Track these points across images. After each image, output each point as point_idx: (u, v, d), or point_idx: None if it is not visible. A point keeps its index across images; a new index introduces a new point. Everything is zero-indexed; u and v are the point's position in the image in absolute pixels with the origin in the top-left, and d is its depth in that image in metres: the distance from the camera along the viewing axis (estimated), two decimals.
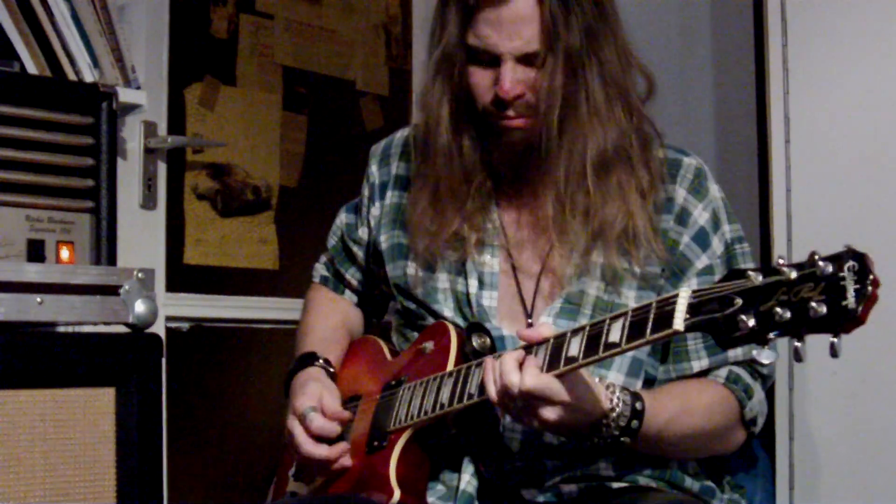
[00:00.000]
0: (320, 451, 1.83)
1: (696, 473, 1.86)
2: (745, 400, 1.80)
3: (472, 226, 1.86)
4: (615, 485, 1.80)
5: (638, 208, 1.78)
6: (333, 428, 1.84)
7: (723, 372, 1.82)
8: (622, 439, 1.65)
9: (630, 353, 1.78)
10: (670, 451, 1.79)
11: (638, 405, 1.65)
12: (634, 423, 1.65)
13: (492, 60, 1.76)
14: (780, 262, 1.36)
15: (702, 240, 1.84)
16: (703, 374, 1.83)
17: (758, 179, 2.72)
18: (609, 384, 1.67)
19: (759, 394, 1.83)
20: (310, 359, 1.99)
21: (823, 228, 2.35)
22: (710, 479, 1.88)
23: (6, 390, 1.95)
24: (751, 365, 1.82)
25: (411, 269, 1.93)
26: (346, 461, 1.84)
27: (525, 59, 1.75)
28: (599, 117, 1.76)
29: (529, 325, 1.82)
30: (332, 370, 1.98)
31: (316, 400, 1.86)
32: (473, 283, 1.87)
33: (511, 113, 1.78)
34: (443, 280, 1.90)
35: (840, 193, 2.38)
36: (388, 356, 2.00)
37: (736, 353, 1.80)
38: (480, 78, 1.79)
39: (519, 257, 1.88)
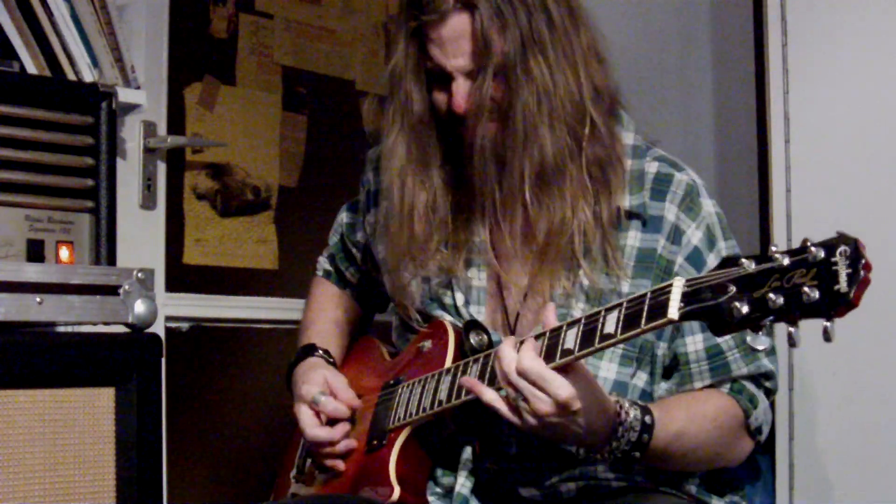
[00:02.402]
0: (324, 432, 1.85)
1: (693, 474, 1.86)
2: (750, 409, 1.79)
3: (457, 242, 1.85)
4: (613, 484, 1.80)
5: (590, 224, 1.75)
6: (345, 410, 1.87)
7: (727, 384, 1.81)
8: (633, 454, 1.64)
9: (612, 377, 1.77)
10: (678, 463, 1.77)
11: (647, 419, 1.64)
12: (645, 437, 1.64)
13: (444, 78, 1.77)
14: (773, 249, 1.36)
15: (696, 259, 1.80)
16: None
17: (758, 179, 2.72)
18: (617, 399, 1.66)
19: (763, 403, 1.81)
20: (310, 350, 2.01)
21: (823, 228, 2.33)
22: (708, 480, 1.88)
23: (6, 390, 1.95)
24: (755, 378, 1.81)
25: (390, 264, 1.93)
26: (351, 442, 1.86)
27: (472, 74, 1.74)
28: (538, 131, 1.72)
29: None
30: (331, 360, 1.99)
31: (323, 385, 1.89)
32: (460, 297, 1.87)
33: (469, 124, 1.77)
34: (432, 292, 1.89)
35: (840, 193, 2.38)
36: (387, 357, 2.01)
37: (741, 370, 1.79)
38: (438, 96, 1.79)
39: (505, 272, 1.86)
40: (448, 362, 1.79)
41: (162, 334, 2.50)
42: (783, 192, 2.45)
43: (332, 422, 1.88)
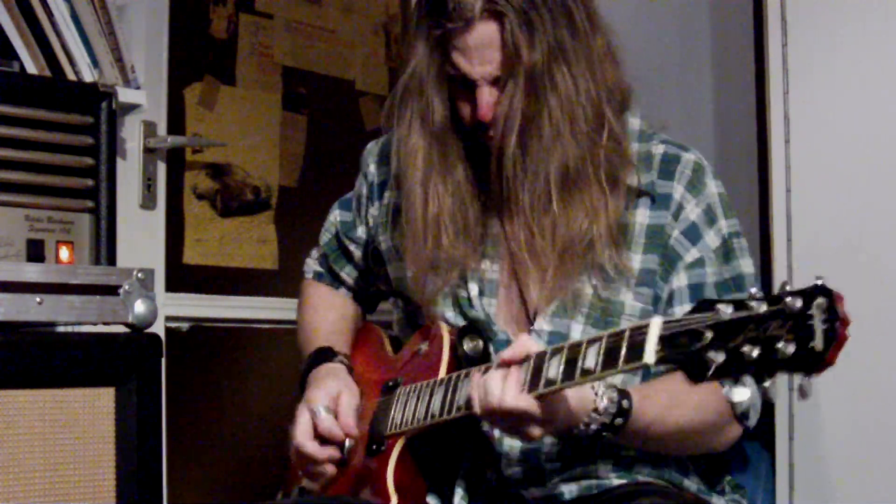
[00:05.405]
0: (310, 447, 1.84)
1: (695, 473, 1.86)
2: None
3: (470, 239, 1.84)
4: (614, 484, 1.80)
5: (605, 230, 1.76)
6: (339, 434, 1.84)
7: None
8: (604, 434, 1.64)
9: None
10: (658, 447, 1.77)
11: (625, 403, 1.64)
12: (618, 420, 1.63)
13: (468, 85, 1.76)
14: (752, 292, 1.32)
15: (692, 234, 1.82)
16: None
17: (758, 179, 2.71)
18: (592, 385, 1.65)
19: (751, 387, 1.81)
20: (328, 353, 1.97)
21: (823, 228, 2.35)
22: (710, 480, 1.88)
23: (6, 390, 1.95)
24: None
25: (411, 271, 1.92)
26: (330, 469, 1.84)
27: (497, 82, 1.75)
28: (562, 138, 1.74)
29: (531, 331, 1.81)
30: (350, 366, 1.97)
31: (332, 400, 1.86)
32: (474, 287, 1.87)
33: (492, 133, 1.78)
34: (442, 284, 1.89)
35: (840, 193, 2.38)
36: (388, 348, 2.00)
37: None
38: (462, 103, 1.79)
39: (518, 264, 1.86)
40: (442, 369, 1.79)
41: (162, 334, 2.50)
42: (783, 192, 2.45)
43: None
